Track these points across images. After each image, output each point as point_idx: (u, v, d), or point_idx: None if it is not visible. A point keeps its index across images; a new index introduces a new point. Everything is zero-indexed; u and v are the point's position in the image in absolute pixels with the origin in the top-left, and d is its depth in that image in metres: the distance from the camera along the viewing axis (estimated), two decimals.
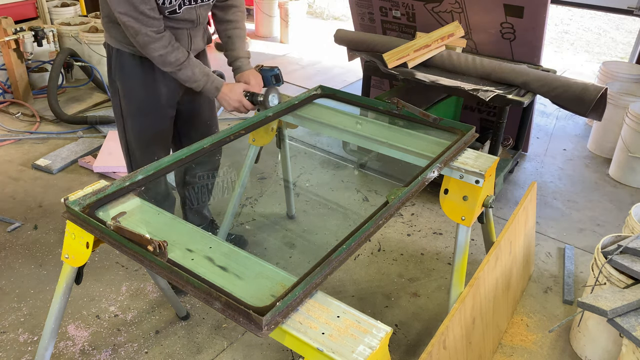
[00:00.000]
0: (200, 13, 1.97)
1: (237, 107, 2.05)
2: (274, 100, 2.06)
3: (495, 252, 1.97)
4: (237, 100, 2.04)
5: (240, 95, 2.04)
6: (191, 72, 1.93)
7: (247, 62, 2.17)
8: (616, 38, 7.53)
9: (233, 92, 2.03)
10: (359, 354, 1.06)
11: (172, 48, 1.86)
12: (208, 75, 1.99)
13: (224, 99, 2.03)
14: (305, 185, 3.30)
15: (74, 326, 2.22)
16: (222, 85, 2.02)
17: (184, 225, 1.46)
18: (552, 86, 2.81)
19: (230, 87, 2.03)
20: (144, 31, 1.79)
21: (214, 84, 2.00)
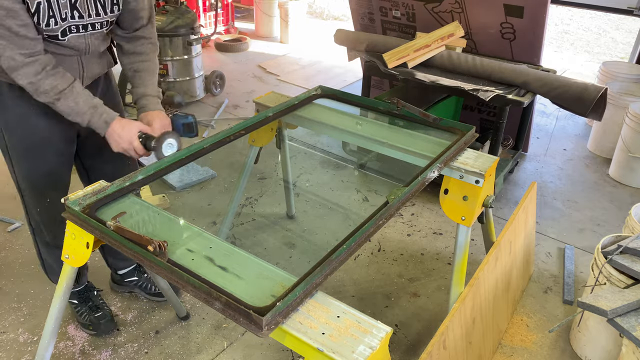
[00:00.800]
0: (90, 42, 1.69)
1: (126, 149, 1.70)
2: (169, 148, 1.69)
3: (495, 252, 1.97)
4: (128, 141, 1.68)
5: (132, 135, 1.68)
6: (74, 102, 1.61)
7: (154, 101, 1.85)
8: (616, 38, 7.53)
9: (125, 130, 1.68)
10: (359, 354, 1.06)
11: (46, 74, 1.55)
12: (95, 107, 1.66)
13: (113, 136, 1.68)
14: (305, 186, 3.30)
15: (73, 326, 2.22)
16: (114, 121, 1.68)
17: (184, 225, 1.46)
18: (552, 86, 2.81)
19: (124, 124, 1.69)
20: (8, 53, 1.48)
21: (102, 118, 1.66)
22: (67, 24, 1.58)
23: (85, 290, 2.24)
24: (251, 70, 5.40)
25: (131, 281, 2.37)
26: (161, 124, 1.78)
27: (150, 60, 1.86)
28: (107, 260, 2.33)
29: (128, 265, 2.36)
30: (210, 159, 3.43)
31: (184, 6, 4.31)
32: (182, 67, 4.24)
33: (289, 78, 5.19)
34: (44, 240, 2.02)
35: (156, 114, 1.80)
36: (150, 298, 2.37)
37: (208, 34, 5.56)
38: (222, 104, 4.47)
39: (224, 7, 6.25)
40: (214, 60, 5.69)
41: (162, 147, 1.66)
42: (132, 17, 1.76)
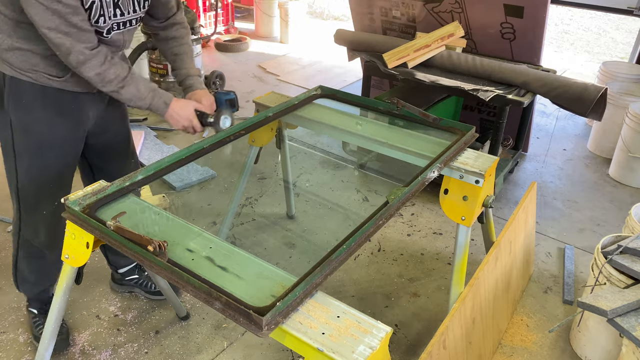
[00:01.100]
0: (126, 38, 1.79)
1: (187, 126, 1.83)
2: (226, 122, 1.86)
3: (495, 252, 1.97)
4: (188, 119, 1.82)
5: (191, 113, 1.82)
6: (135, 88, 1.70)
7: (198, 80, 1.98)
8: (616, 38, 7.53)
9: (184, 109, 1.81)
10: (359, 354, 1.06)
11: (109, 64, 1.64)
12: (154, 91, 1.76)
13: (173, 116, 1.80)
14: (305, 186, 3.30)
15: (74, 326, 2.22)
16: (172, 101, 1.79)
17: (184, 225, 1.46)
18: (552, 86, 2.81)
19: (181, 104, 1.81)
20: (77, 48, 1.55)
21: (162, 99, 1.77)
22: (112, 21, 1.65)
23: (48, 302, 2.11)
24: (251, 70, 5.40)
25: (132, 279, 2.37)
26: (208, 101, 1.92)
27: (187, 43, 1.98)
28: (107, 257, 2.33)
29: (129, 263, 2.36)
30: (210, 159, 3.43)
31: (184, 6, 4.31)
32: None
33: (289, 78, 5.19)
34: (29, 250, 1.96)
35: (202, 93, 1.94)
36: (150, 297, 2.37)
37: (208, 34, 5.56)
38: None
39: (224, 7, 6.25)
40: (214, 60, 5.69)
41: (220, 121, 1.83)
42: (164, 8, 1.87)
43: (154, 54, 4.15)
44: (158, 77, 4.24)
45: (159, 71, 4.21)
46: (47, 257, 1.99)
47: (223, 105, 1.98)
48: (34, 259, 1.99)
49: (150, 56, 4.20)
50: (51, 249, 1.95)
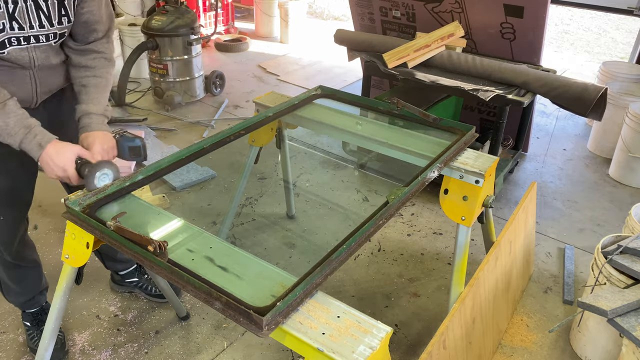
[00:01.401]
0: (35, 55, 1.55)
1: (60, 176, 1.52)
2: (103, 179, 1.51)
3: (495, 252, 1.97)
4: (62, 168, 1.50)
5: (67, 161, 1.50)
6: (3, 122, 1.45)
7: (99, 120, 1.64)
8: (616, 38, 7.53)
9: (59, 154, 1.49)
10: (359, 354, 1.06)
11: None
12: (29, 128, 1.48)
13: (47, 161, 1.50)
14: (305, 186, 3.30)
15: (74, 326, 2.22)
16: (49, 143, 1.50)
17: (184, 225, 1.46)
18: (552, 86, 2.81)
19: (59, 148, 1.50)
20: None
21: (36, 139, 1.48)
22: (5, 35, 1.45)
23: (40, 312, 2.14)
24: (251, 70, 5.40)
25: (132, 282, 2.37)
26: (102, 147, 1.59)
27: (101, 77, 1.69)
28: (105, 264, 2.32)
29: (127, 267, 2.35)
30: (210, 159, 3.43)
31: (184, 6, 4.31)
32: (182, 67, 4.24)
33: (289, 78, 5.19)
34: (2, 260, 1.91)
35: (98, 135, 1.60)
36: (150, 299, 2.37)
37: (208, 34, 5.56)
38: (222, 104, 4.47)
39: (224, 7, 6.25)
40: (214, 60, 5.69)
41: (94, 176, 1.49)
42: (85, 30, 1.63)
43: (154, 54, 4.15)
44: (158, 77, 4.24)
45: (159, 71, 4.21)
46: (22, 266, 1.97)
47: (125, 154, 1.66)
48: (10, 269, 1.95)
49: (150, 56, 4.21)
50: (18, 259, 1.93)
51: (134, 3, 5.92)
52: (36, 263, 2.05)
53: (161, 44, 4.09)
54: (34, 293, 2.09)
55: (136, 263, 2.35)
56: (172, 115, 4.18)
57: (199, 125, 4.08)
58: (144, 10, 6.00)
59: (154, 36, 4.06)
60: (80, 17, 1.59)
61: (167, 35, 4.07)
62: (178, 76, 4.25)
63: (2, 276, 1.99)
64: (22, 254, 1.95)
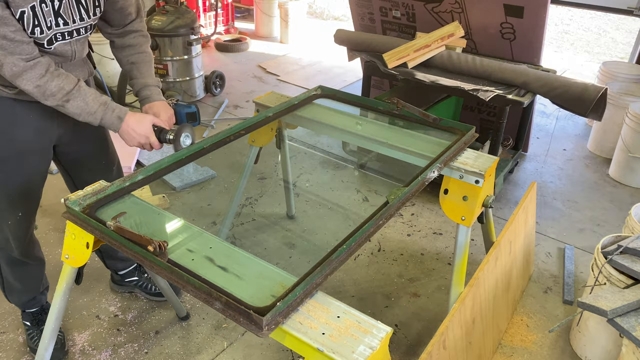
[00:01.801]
0: (76, 48, 1.65)
1: (143, 143, 1.67)
2: (187, 141, 1.70)
3: (495, 252, 1.97)
4: (145, 135, 1.65)
5: (148, 128, 1.65)
6: (83, 101, 1.56)
7: (157, 91, 1.81)
8: (616, 38, 7.53)
9: (140, 124, 1.64)
10: (359, 354, 1.06)
11: (51, 76, 1.50)
12: (106, 104, 1.60)
13: (128, 132, 1.64)
14: (305, 186, 3.30)
15: (74, 326, 2.22)
16: (126, 115, 1.63)
17: (184, 225, 1.46)
18: (552, 86, 2.81)
19: (137, 118, 1.65)
20: (9, 60, 1.43)
21: (115, 113, 1.61)
22: (52, 32, 1.53)
23: (41, 312, 2.14)
24: (251, 70, 5.40)
25: (131, 281, 2.37)
26: (166, 114, 1.77)
27: (145, 52, 1.83)
28: (105, 262, 2.32)
29: (128, 266, 2.35)
30: (210, 159, 3.43)
31: (184, 6, 4.31)
32: (182, 67, 4.24)
33: (289, 78, 5.19)
34: (9, 257, 1.92)
35: (161, 105, 1.78)
36: (150, 298, 2.37)
37: (208, 34, 5.56)
38: (222, 104, 4.47)
39: (224, 7, 6.26)
40: (214, 60, 5.69)
41: (180, 139, 1.67)
42: (120, 15, 1.73)
43: (154, 54, 4.15)
44: (158, 76, 4.23)
45: (159, 71, 4.21)
46: (28, 263, 1.97)
47: (183, 120, 1.83)
48: (16, 266, 1.96)
49: None
50: (26, 256, 1.94)
51: None
52: (41, 261, 2.06)
53: (161, 44, 4.09)
54: (36, 292, 2.09)
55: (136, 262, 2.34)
56: None
57: (199, 125, 4.08)
58: None
59: (154, 36, 4.06)
60: (115, 5, 1.69)
61: (167, 35, 4.07)
62: (178, 76, 4.25)
63: (6, 274, 1.98)
64: (29, 250, 1.96)
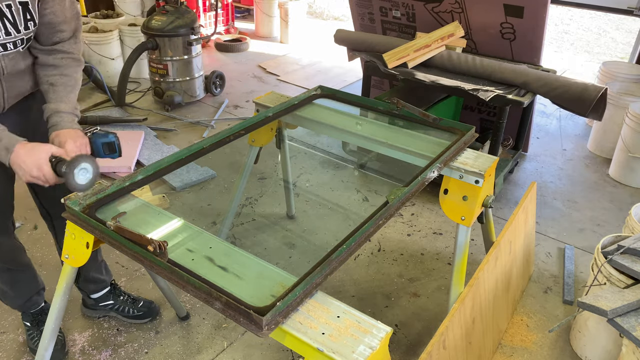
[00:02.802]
0: (5, 64, 1.51)
1: (36, 176, 1.43)
2: (81, 175, 1.40)
3: (495, 252, 1.97)
4: (36, 167, 1.41)
5: (41, 160, 1.41)
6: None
7: (69, 118, 1.58)
8: (616, 38, 7.53)
9: (32, 154, 1.41)
10: (359, 354, 1.06)
11: None
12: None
13: (18, 164, 1.42)
14: (305, 186, 3.30)
15: (74, 326, 2.22)
16: (16, 145, 1.42)
17: (184, 225, 1.46)
18: (552, 86, 2.81)
19: (29, 148, 1.42)
20: None
21: (2, 143, 1.42)
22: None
23: (40, 313, 2.11)
24: (251, 70, 5.40)
25: (106, 305, 2.24)
26: (75, 144, 1.51)
27: (70, 75, 1.63)
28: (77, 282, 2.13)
29: (101, 288, 2.19)
30: (210, 159, 3.43)
31: (184, 6, 4.31)
32: (182, 67, 4.24)
33: (289, 78, 5.19)
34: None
35: (69, 133, 1.54)
36: (128, 321, 2.25)
37: (208, 34, 5.56)
38: (222, 104, 4.47)
39: (224, 7, 6.25)
40: (214, 60, 5.69)
41: (74, 172, 1.39)
42: (49, 31, 1.57)
43: (154, 54, 4.15)
44: (158, 77, 4.24)
45: (159, 71, 4.21)
46: (12, 270, 1.94)
47: (99, 152, 1.60)
48: (3, 272, 1.93)
49: (150, 56, 4.20)
50: (9, 264, 1.91)
51: (134, 3, 5.91)
52: (27, 266, 2.00)
53: (161, 44, 4.09)
54: (29, 295, 2.06)
55: (110, 284, 2.24)
56: (172, 116, 4.18)
57: (199, 125, 4.08)
58: (144, 10, 6.00)
59: (154, 36, 4.06)
60: (43, 18, 1.53)
61: (167, 36, 4.07)
62: (178, 76, 4.25)
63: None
64: (11, 257, 1.92)
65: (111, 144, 1.59)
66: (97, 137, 1.59)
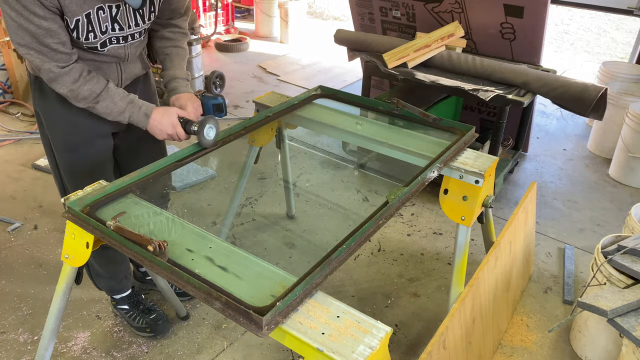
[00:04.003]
0: (130, 51, 1.74)
1: (171, 134, 1.73)
2: (210, 133, 1.71)
3: (495, 252, 1.97)
4: (171, 125, 1.71)
5: (174, 120, 1.72)
6: (112, 102, 1.65)
7: (185, 83, 1.89)
8: (616, 38, 7.53)
9: (166, 116, 1.71)
10: (359, 354, 1.06)
11: (83, 80, 1.60)
12: (133, 102, 1.69)
13: (155, 125, 1.71)
14: (305, 186, 3.30)
15: (74, 326, 2.22)
16: (153, 111, 1.71)
17: (184, 225, 1.46)
18: (552, 86, 2.81)
19: (163, 112, 1.72)
20: (47, 66, 1.54)
21: (142, 110, 1.70)
22: (107, 36, 1.61)
23: (133, 295, 2.24)
24: (251, 70, 5.40)
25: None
26: (193, 106, 1.82)
27: (182, 47, 1.91)
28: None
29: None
30: (210, 159, 3.43)
31: None
32: None
33: (289, 78, 5.19)
34: None
35: (187, 97, 1.84)
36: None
37: (208, 34, 5.56)
38: None
39: (224, 7, 6.26)
40: (214, 60, 5.69)
41: (204, 130, 1.69)
42: (171, 13, 1.83)
43: None
44: (158, 77, 4.23)
45: (159, 71, 4.20)
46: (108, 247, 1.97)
47: (210, 112, 1.88)
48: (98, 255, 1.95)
49: None
50: None
51: None
52: None
53: None
54: (121, 277, 2.15)
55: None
56: None
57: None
58: None
59: None
60: (170, 5, 1.78)
61: None
62: None
63: (92, 263, 2.05)
64: None
65: (219, 105, 1.89)
66: (207, 99, 1.88)
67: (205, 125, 1.69)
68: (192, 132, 1.72)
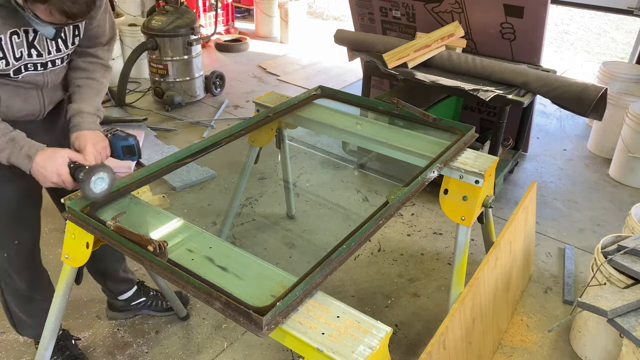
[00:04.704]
0: (49, 79, 1.55)
1: (56, 182, 1.44)
2: (98, 184, 1.42)
3: (495, 252, 1.97)
4: (56, 173, 1.43)
5: (59, 166, 1.43)
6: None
7: (91, 119, 1.59)
8: (616, 38, 7.53)
9: (51, 160, 1.42)
10: (359, 354, 1.06)
11: None
12: (13, 141, 1.41)
13: (39, 170, 1.43)
14: (305, 186, 3.30)
15: (74, 326, 2.22)
16: (37, 153, 1.42)
17: (184, 225, 1.46)
18: (552, 86, 2.81)
19: (49, 155, 1.43)
20: None
21: (23, 151, 1.41)
22: (22, 62, 1.44)
23: (62, 338, 2.01)
24: (251, 70, 5.40)
25: (139, 303, 2.23)
26: (95, 148, 1.54)
27: (97, 80, 1.67)
28: (106, 285, 2.12)
29: (129, 288, 2.18)
30: (210, 159, 3.43)
31: (184, 6, 4.31)
32: (182, 67, 4.24)
33: (289, 78, 5.19)
34: (15, 290, 1.78)
35: (90, 136, 1.55)
36: (161, 315, 2.26)
37: (208, 34, 5.56)
38: (222, 104, 4.47)
39: (224, 7, 6.25)
40: (214, 60, 5.69)
41: (90, 181, 1.40)
42: (89, 41, 1.64)
43: (154, 54, 4.15)
44: (158, 77, 4.24)
45: (159, 71, 4.21)
46: (35, 299, 1.83)
47: (119, 154, 1.61)
48: (25, 300, 1.82)
49: (150, 56, 4.20)
50: (34, 289, 1.80)
51: (134, 3, 5.91)
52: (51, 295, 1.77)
53: (161, 44, 4.09)
54: None
55: (136, 283, 2.22)
56: (172, 116, 4.18)
57: (199, 125, 4.08)
58: (144, 11, 5.99)
59: (154, 36, 4.07)
60: (89, 32, 1.59)
61: (167, 36, 4.07)
62: (178, 76, 4.25)
63: (16, 311, 1.83)
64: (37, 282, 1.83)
65: (130, 147, 1.61)
66: (117, 139, 1.60)
67: (92, 174, 1.40)
68: (79, 181, 1.43)
